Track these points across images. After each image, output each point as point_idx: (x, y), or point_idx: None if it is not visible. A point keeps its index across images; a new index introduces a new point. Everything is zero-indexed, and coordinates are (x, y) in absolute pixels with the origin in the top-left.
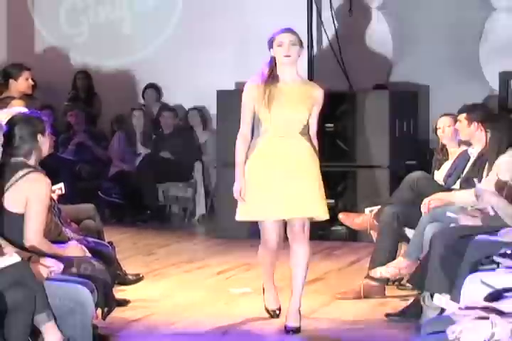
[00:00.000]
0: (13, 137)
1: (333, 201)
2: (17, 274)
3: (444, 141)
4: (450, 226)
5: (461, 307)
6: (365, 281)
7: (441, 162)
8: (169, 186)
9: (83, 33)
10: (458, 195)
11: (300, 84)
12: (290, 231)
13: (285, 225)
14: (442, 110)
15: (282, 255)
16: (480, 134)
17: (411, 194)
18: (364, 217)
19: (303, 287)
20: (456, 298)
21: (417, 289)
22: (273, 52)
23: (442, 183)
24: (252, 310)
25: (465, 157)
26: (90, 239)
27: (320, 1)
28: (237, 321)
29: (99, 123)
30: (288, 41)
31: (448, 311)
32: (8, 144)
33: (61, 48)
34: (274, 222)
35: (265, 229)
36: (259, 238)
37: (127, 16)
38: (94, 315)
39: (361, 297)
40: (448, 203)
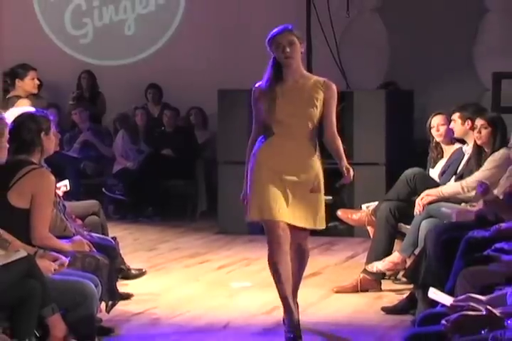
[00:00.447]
0: (17, 135)
1: (330, 197)
2: (24, 269)
3: (438, 139)
4: (444, 222)
5: (454, 300)
6: (361, 275)
7: (435, 160)
8: (171, 183)
9: (88, 35)
10: (445, 190)
11: (306, 81)
12: (292, 242)
13: None
14: (437, 109)
15: None
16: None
17: (408, 189)
18: (361, 214)
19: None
20: (449, 292)
21: (412, 283)
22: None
23: (437, 180)
24: (252, 304)
25: (459, 154)
26: (94, 235)
27: (318, 3)
28: (237, 314)
29: (103, 121)
30: (286, 42)
31: (442, 304)
32: (13, 142)
33: (66, 49)
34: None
35: (274, 228)
36: (258, 234)
37: (130, 18)
38: (98, 309)
39: (358, 291)
40: (442, 199)
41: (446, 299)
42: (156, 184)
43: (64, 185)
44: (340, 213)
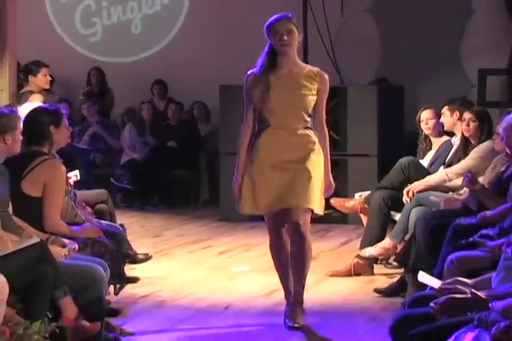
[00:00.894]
0: (28, 128)
1: None
2: (37, 253)
3: (427, 132)
4: (433, 210)
5: (442, 283)
6: (355, 260)
7: (424, 151)
8: (175, 173)
9: (97, 33)
10: (432, 178)
11: (300, 70)
12: (288, 227)
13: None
14: (426, 104)
15: None
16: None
17: (402, 177)
18: (354, 202)
19: (304, 275)
20: (438, 276)
21: (403, 267)
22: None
23: None
24: (252, 287)
25: (448, 146)
26: (103, 222)
27: (314, 4)
28: (237, 297)
29: (111, 115)
30: (284, 30)
31: (430, 287)
32: (25, 134)
33: (77, 47)
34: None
35: (271, 222)
36: (258, 221)
37: (137, 18)
38: (107, 291)
39: (351, 274)
40: (430, 188)
41: (434, 282)
42: (162, 174)
43: (74, 175)
44: (333, 201)
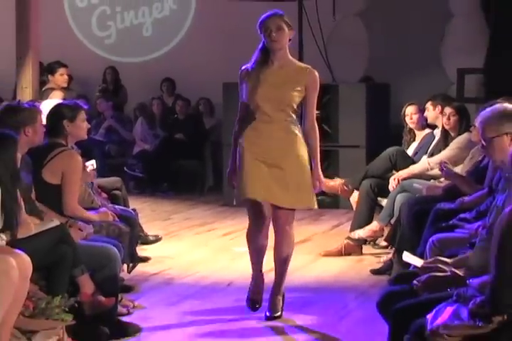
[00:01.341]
0: (48, 122)
1: None
2: (57, 235)
3: (411, 126)
4: (416, 196)
5: (424, 262)
6: (345, 241)
7: (409, 143)
8: (183, 162)
9: (111, 36)
10: (415, 167)
11: (290, 67)
12: (275, 223)
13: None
14: (410, 100)
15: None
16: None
17: (389, 164)
18: (334, 182)
19: (286, 269)
20: (420, 255)
21: (393, 246)
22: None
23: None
24: None
25: (430, 138)
26: (117, 207)
27: (308, 9)
28: (239, 274)
29: (125, 110)
30: (273, 26)
31: (414, 266)
32: (47, 127)
33: (93, 48)
34: (264, 204)
35: (253, 206)
36: None
37: (148, 22)
38: (121, 270)
39: (342, 254)
40: (413, 176)
41: (417, 261)
42: (170, 163)
43: (91, 164)
44: None
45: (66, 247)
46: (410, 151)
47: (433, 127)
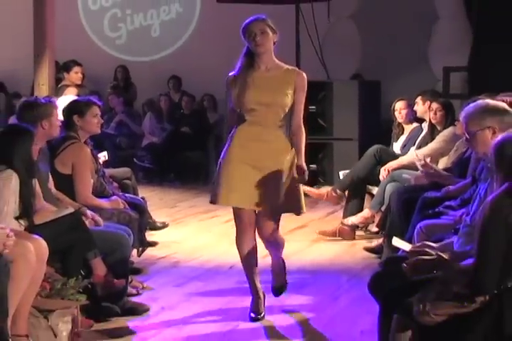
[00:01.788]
0: (63, 116)
1: (315, 166)
2: (72, 221)
3: (400, 120)
4: (405, 185)
5: (412, 247)
6: (340, 226)
7: (398, 136)
8: (188, 154)
9: (122, 36)
10: (404, 159)
11: (277, 70)
12: (260, 231)
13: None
14: (399, 96)
15: None
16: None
17: (374, 160)
18: (322, 191)
19: (283, 268)
20: (409, 240)
21: (383, 232)
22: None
23: (399, 152)
24: None
25: (418, 131)
26: (127, 195)
27: (305, 12)
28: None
29: (134, 105)
30: (257, 30)
31: (402, 250)
32: (62, 121)
33: (105, 48)
34: (248, 211)
35: (239, 216)
36: None
37: (156, 23)
38: (131, 253)
39: (336, 236)
40: (402, 167)
41: (406, 246)
42: (177, 155)
43: (103, 156)
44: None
45: (80, 232)
46: (399, 144)
47: (421, 121)
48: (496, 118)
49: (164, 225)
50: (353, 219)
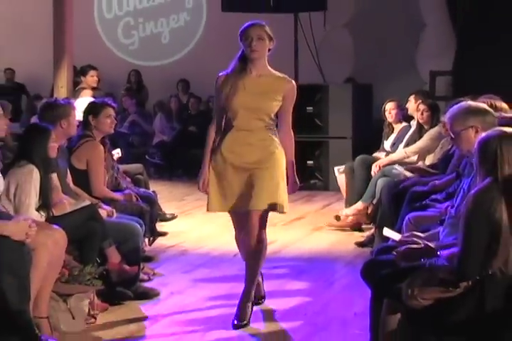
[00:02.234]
0: (82, 116)
1: (312, 162)
2: (88, 213)
3: (390, 120)
4: (395, 180)
5: (402, 237)
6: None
7: (388, 134)
8: (195, 151)
9: (135, 43)
10: (394, 156)
11: (269, 77)
12: (248, 229)
13: None
14: (389, 97)
15: None
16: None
17: (366, 173)
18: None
19: (257, 274)
20: (398, 231)
21: (375, 223)
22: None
23: (389, 149)
24: None
25: (406, 130)
26: (140, 189)
27: (303, 21)
28: None
29: (146, 106)
30: (255, 36)
31: (393, 240)
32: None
33: (119, 53)
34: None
35: (234, 217)
36: None
37: (165, 31)
38: (143, 242)
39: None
40: (393, 163)
41: (395, 236)
42: (185, 152)
43: (117, 153)
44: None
45: (96, 223)
46: (389, 142)
47: (411, 118)
48: (479, 118)
49: (173, 216)
50: (348, 211)
